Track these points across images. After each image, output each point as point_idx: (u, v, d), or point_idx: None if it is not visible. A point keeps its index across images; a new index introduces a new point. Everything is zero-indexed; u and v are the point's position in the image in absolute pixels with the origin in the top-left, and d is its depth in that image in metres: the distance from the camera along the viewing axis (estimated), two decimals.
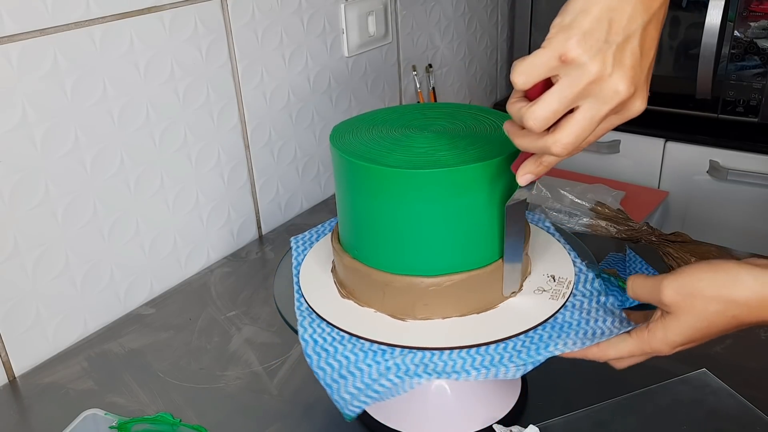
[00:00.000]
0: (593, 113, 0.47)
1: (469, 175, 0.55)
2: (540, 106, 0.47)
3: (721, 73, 1.33)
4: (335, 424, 0.68)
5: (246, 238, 1.05)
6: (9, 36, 0.70)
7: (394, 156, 0.57)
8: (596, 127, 0.48)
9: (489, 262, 0.59)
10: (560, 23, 0.47)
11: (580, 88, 0.46)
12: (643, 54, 0.47)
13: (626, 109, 0.48)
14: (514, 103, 0.49)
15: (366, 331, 0.57)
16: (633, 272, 0.87)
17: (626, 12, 0.46)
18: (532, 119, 0.47)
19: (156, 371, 0.77)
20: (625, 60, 0.46)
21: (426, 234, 0.56)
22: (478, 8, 1.50)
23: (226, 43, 0.94)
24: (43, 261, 0.78)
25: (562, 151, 0.48)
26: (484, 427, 0.64)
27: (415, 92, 1.35)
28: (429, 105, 0.69)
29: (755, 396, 0.67)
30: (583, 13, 0.46)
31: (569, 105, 0.47)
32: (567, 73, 0.46)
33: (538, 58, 0.46)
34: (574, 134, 0.47)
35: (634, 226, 0.95)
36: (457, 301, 0.59)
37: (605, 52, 0.45)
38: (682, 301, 0.50)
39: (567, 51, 0.45)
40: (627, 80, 0.46)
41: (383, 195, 0.56)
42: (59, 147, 0.77)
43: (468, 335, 0.56)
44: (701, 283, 0.49)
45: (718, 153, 1.35)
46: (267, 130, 1.04)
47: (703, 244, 0.89)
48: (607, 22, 0.45)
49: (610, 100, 0.46)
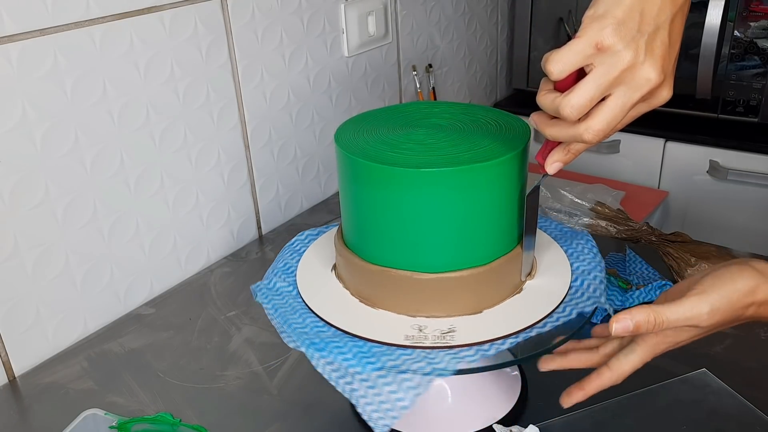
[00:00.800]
0: (625, 100, 0.49)
1: (475, 174, 0.55)
2: (576, 95, 0.48)
3: (721, 73, 1.33)
4: (335, 424, 0.68)
5: (246, 238, 1.05)
6: (9, 36, 0.70)
7: (400, 155, 0.57)
8: (626, 114, 0.50)
9: (496, 258, 0.59)
10: (593, 14, 0.48)
11: (614, 76, 0.48)
12: (671, 44, 0.49)
13: (654, 97, 0.50)
14: (545, 95, 0.51)
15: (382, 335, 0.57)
16: (633, 272, 0.87)
17: (656, 4, 0.48)
18: (569, 108, 0.49)
19: (156, 371, 0.77)
20: (656, 49, 0.48)
21: (435, 231, 0.57)
22: (478, 8, 1.50)
23: (226, 43, 0.94)
24: (43, 261, 0.78)
25: (594, 138, 0.50)
26: (484, 427, 0.64)
27: (415, 92, 1.35)
28: (434, 103, 0.69)
29: (755, 396, 0.67)
30: (617, 4, 0.48)
31: (604, 92, 0.49)
32: (602, 62, 0.48)
33: (574, 47, 0.48)
34: (606, 121, 0.49)
35: (634, 226, 0.95)
36: (457, 299, 0.59)
37: (638, 41, 0.48)
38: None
39: (602, 39, 0.47)
40: (658, 68, 0.48)
41: (389, 193, 0.56)
42: (59, 147, 0.77)
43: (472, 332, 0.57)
44: None
45: (718, 153, 1.35)
46: (267, 130, 1.04)
47: (703, 244, 0.89)
48: (638, 13, 0.48)
49: (641, 87, 0.48)
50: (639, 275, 0.87)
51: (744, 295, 0.51)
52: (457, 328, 0.57)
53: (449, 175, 0.54)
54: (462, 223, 0.57)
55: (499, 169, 0.56)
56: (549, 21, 1.52)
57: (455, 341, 0.56)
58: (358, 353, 0.54)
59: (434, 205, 0.56)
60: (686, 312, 0.51)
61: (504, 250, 0.60)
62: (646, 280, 0.86)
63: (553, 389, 0.57)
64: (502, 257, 0.60)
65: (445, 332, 0.57)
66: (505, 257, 0.60)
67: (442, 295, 0.59)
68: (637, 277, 0.86)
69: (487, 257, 0.59)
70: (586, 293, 0.62)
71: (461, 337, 0.56)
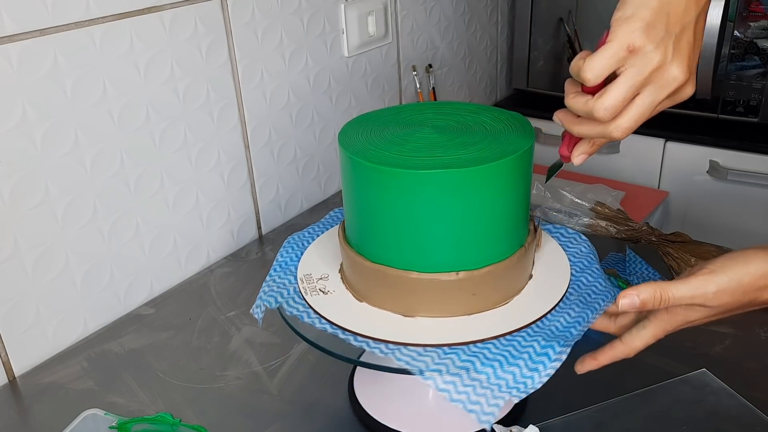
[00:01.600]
0: (653, 99, 0.51)
1: (480, 175, 0.55)
2: (610, 96, 0.50)
3: (721, 73, 1.33)
4: (335, 424, 0.68)
5: (246, 238, 1.05)
6: (9, 36, 0.70)
7: (404, 156, 0.56)
8: (653, 110, 0.52)
9: (496, 260, 0.59)
10: (621, 16, 0.50)
11: (645, 76, 0.50)
12: (696, 43, 0.52)
13: (678, 94, 0.52)
14: (575, 98, 0.53)
15: None
16: (633, 272, 0.87)
17: (681, 5, 0.50)
18: (603, 109, 0.51)
19: (156, 371, 0.77)
20: (682, 49, 0.50)
21: (435, 232, 0.56)
22: (478, 8, 1.50)
23: (226, 43, 0.94)
24: (43, 261, 0.78)
25: (622, 135, 0.52)
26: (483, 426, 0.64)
27: (415, 92, 1.35)
28: (438, 103, 0.69)
29: (755, 396, 0.67)
30: (644, 5, 0.49)
31: (635, 93, 0.51)
32: (633, 63, 0.50)
33: (607, 52, 0.50)
34: (634, 119, 0.51)
35: (634, 226, 0.95)
36: (458, 299, 0.59)
37: (666, 42, 0.50)
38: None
39: (633, 41, 0.49)
40: (684, 67, 0.50)
41: (391, 195, 0.56)
42: (59, 147, 0.77)
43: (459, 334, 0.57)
44: None
45: (718, 153, 1.35)
46: (267, 130, 1.04)
47: (703, 244, 0.89)
48: (665, 15, 0.50)
49: (668, 85, 0.51)
50: (639, 275, 0.87)
51: (757, 278, 0.51)
52: None
53: (451, 176, 0.54)
54: (463, 224, 0.56)
55: (504, 169, 0.56)
56: (549, 21, 1.52)
57: None
58: None
59: (436, 206, 0.55)
60: (692, 290, 0.52)
61: (506, 253, 0.60)
62: (646, 280, 0.86)
63: (553, 389, 0.57)
64: (503, 260, 0.59)
65: None
66: (506, 260, 0.60)
67: (437, 295, 0.58)
68: (637, 277, 0.86)
69: (487, 259, 0.59)
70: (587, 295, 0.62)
71: (453, 336, 0.56)
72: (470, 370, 0.53)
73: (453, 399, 0.53)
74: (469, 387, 0.53)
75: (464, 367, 0.53)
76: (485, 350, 0.55)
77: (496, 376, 0.53)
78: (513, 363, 0.54)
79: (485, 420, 0.51)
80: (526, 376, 0.53)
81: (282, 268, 0.68)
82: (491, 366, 0.54)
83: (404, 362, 0.54)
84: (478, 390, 0.52)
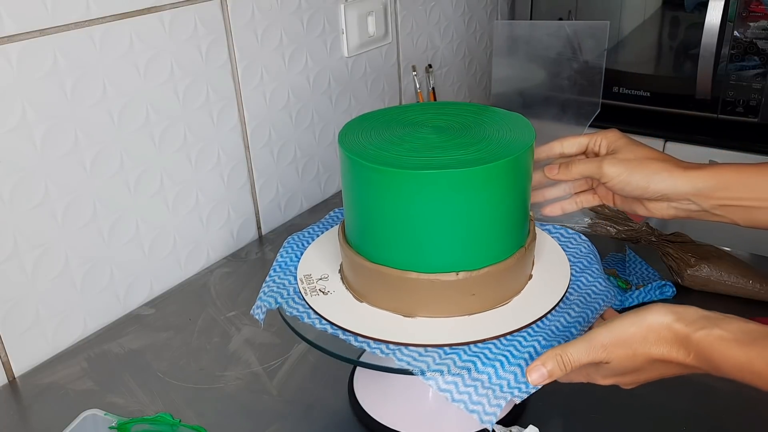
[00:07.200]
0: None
1: (480, 176, 0.55)
2: None
3: (720, 73, 1.33)
4: (335, 424, 0.68)
5: (246, 239, 1.05)
6: (9, 36, 0.70)
7: (403, 157, 0.56)
8: None
9: (497, 261, 0.59)
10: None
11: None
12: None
13: None
14: None
15: None
16: (633, 272, 0.87)
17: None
18: None
19: (156, 371, 0.77)
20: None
21: (435, 232, 0.56)
22: (477, 8, 1.50)
23: (226, 44, 0.94)
24: (43, 261, 0.78)
25: None
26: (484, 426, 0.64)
27: (415, 92, 1.35)
28: (438, 103, 0.69)
29: (755, 396, 0.67)
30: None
31: None
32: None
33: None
34: None
35: (634, 226, 0.95)
36: (458, 300, 0.59)
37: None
38: None
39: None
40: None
41: (391, 195, 0.56)
42: (59, 147, 0.77)
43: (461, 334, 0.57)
44: None
45: (718, 153, 1.35)
46: (267, 130, 1.04)
47: (703, 245, 0.89)
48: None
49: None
50: (639, 275, 0.87)
51: (646, 331, 0.50)
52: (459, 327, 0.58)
53: (451, 176, 0.54)
54: (463, 224, 0.56)
55: (504, 170, 0.56)
56: (549, 20, 1.52)
57: None
58: None
59: (435, 206, 0.55)
60: (586, 345, 0.51)
61: (506, 254, 0.60)
62: (646, 280, 0.86)
63: (553, 389, 0.57)
64: (503, 261, 0.59)
65: None
66: (505, 261, 0.59)
67: (437, 295, 0.58)
68: (636, 278, 0.86)
69: (486, 260, 0.59)
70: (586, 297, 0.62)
71: (453, 336, 0.56)
72: (471, 371, 0.53)
73: (455, 399, 0.53)
74: (471, 387, 0.53)
75: (465, 368, 0.53)
76: (486, 350, 0.55)
77: (497, 376, 0.53)
78: (514, 363, 0.54)
79: (487, 420, 0.51)
80: None
81: (282, 269, 0.68)
82: (492, 366, 0.54)
83: (405, 363, 0.54)
84: (480, 390, 0.52)
